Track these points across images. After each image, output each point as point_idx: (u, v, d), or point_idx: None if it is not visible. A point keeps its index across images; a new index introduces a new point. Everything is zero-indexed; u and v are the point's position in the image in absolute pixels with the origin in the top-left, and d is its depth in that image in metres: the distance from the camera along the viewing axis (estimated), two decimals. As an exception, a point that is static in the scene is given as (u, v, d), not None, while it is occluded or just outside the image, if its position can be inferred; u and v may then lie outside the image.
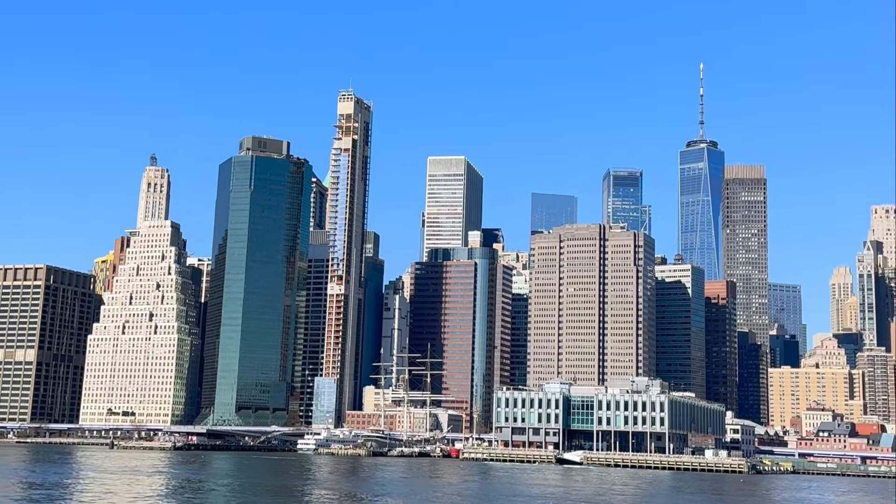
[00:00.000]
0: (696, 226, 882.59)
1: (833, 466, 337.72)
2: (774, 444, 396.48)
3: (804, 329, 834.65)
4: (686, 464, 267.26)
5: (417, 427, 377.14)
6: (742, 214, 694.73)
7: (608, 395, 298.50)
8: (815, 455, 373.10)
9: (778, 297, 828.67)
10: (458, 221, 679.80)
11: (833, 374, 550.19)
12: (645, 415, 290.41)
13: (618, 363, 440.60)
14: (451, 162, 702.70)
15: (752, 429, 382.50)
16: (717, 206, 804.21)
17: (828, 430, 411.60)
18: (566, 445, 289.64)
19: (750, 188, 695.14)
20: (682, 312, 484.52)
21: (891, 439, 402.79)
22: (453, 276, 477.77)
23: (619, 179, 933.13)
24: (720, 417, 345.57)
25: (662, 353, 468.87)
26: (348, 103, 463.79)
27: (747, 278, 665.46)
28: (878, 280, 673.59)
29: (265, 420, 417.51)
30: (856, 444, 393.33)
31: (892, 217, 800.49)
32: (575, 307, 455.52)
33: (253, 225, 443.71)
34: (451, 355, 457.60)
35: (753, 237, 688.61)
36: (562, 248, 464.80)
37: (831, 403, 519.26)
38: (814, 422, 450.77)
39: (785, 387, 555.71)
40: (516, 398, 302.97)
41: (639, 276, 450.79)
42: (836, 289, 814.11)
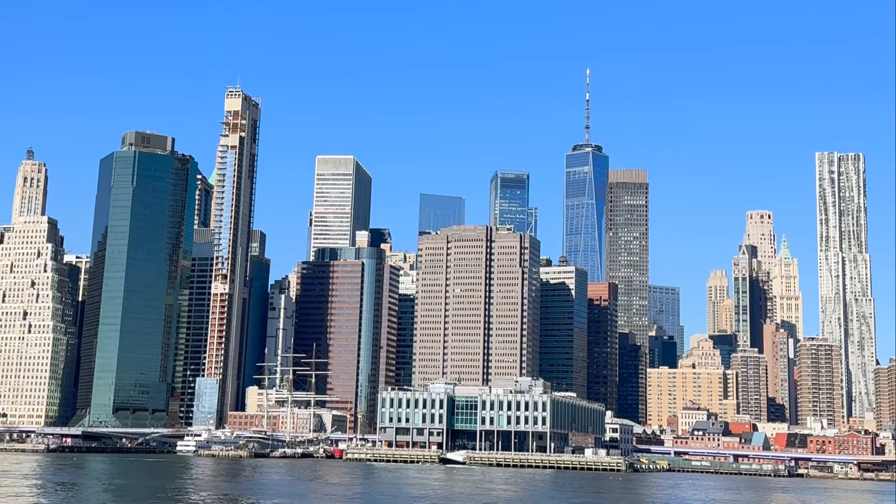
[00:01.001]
0: (580, 228, 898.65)
1: (707, 464, 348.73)
2: (652, 443, 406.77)
3: (682, 330, 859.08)
4: (566, 462, 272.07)
5: (301, 428, 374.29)
6: (625, 218, 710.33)
7: (492, 396, 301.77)
8: (690, 453, 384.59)
9: (657, 299, 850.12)
10: (346, 221, 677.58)
11: (708, 374, 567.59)
12: (528, 414, 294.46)
13: (502, 363, 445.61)
14: (340, 161, 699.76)
15: (631, 428, 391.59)
16: (601, 210, 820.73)
17: (702, 429, 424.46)
18: (450, 445, 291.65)
19: (633, 192, 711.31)
20: (566, 314, 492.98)
21: (762, 438, 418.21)
22: (340, 276, 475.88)
23: (507, 181, 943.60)
24: (600, 417, 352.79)
25: (546, 354, 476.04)
26: (236, 100, 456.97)
27: (629, 280, 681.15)
28: (753, 283, 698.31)
29: (144, 422, 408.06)
30: (729, 442, 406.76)
31: (767, 222, 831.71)
32: (461, 308, 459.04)
33: (135, 222, 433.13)
34: (337, 355, 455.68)
35: (635, 240, 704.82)
36: (449, 249, 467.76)
37: (706, 403, 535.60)
38: (689, 421, 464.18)
39: (663, 387, 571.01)
40: (401, 398, 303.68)
41: (524, 277, 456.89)
42: (713, 291, 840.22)
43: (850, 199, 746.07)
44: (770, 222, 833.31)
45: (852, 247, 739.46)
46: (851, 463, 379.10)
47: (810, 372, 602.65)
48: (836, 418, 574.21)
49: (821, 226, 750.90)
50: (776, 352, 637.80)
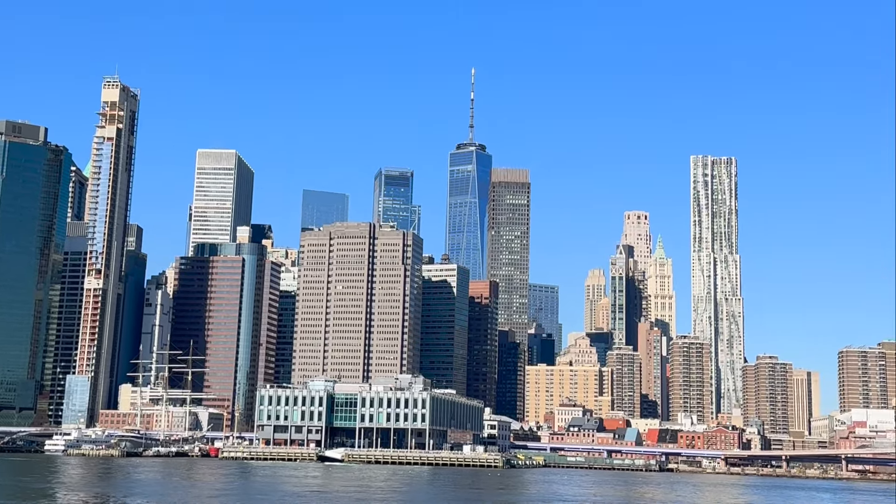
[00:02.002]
0: (463, 227, 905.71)
1: (581, 460, 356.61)
2: (529, 439, 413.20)
3: (560, 328, 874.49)
4: (445, 459, 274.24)
5: (176, 426, 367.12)
6: (507, 217, 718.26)
7: (372, 393, 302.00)
8: (565, 449, 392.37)
9: (537, 298, 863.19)
10: (227, 216, 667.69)
11: (585, 371, 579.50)
12: (407, 412, 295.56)
13: (383, 361, 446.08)
14: (222, 156, 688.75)
15: (508, 424, 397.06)
16: (484, 208, 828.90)
17: (578, 425, 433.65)
18: (329, 443, 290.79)
19: (515, 192, 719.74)
20: (447, 311, 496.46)
21: (635, 434, 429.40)
22: (220, 272, 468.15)
23: (391, 179, 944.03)
24: (479, 413, 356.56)
25: (427, 351, 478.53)
26: (113, 90, 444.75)
27: (509, 279, 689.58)
28: (629, 282, 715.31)
29: (10, 420, 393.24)
30: (603, 438, 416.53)
31: (643, 223, 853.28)
32: (343, 305, 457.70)
33: (3, 213, 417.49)
34: (215, 353, 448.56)
35: (516, 239, 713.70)
36: (331, 246, 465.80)
37: (582, 399, 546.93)
38: (566, 417, 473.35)
39: (540, 384, 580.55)
40: (280, 396, 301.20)
41: (406, 275, 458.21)
42: (591, 290, 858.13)
43: (722, 202, 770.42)
44: (646, 223, 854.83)
45: (724, 248, 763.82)
46: (719, 458, 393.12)
47: (682, 369, 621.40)
48: (706, 414, 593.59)
49: (694, 227, 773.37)
50: (650, 349, 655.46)
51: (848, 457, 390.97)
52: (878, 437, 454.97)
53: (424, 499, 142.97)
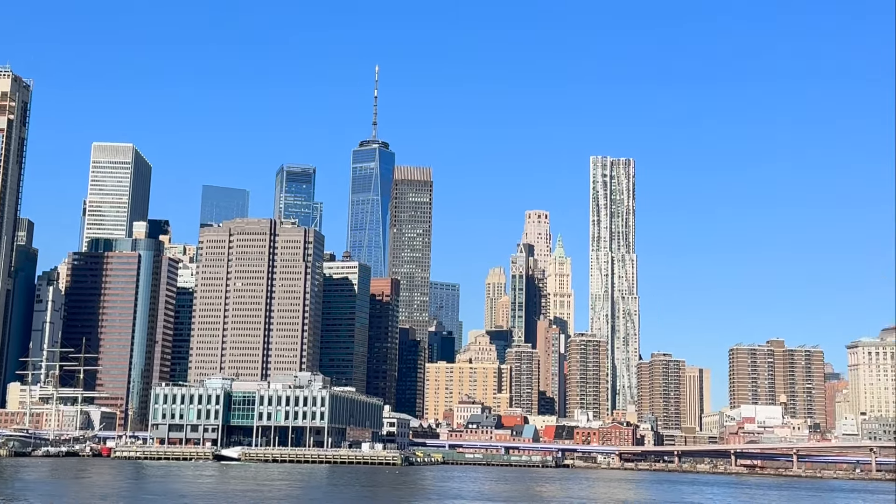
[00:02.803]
0: (365, 224, 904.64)
1: (479, 457, 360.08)
2: (428, 437, 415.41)
3: (461, 326, 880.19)
4: (343, 457, 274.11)
5: (67, 426, 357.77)
6: (409, 214, 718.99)
7: (270, 391, 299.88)
8: (464, 446, 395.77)
9: (438, 295, 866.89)
10: (123, 211, 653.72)
11: (484, 368, 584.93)
12: (306, 410, 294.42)
13: (282, 358, 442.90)
14: (118, 149, 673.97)
15: (408, 422, 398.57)
16: (386, 206, 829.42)
17: (477, 422, 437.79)
18: (225, 442, 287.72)
19: (417, 189, 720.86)
20: (348, 309, 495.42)
21: (532, 430, 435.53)
22: (114, 268, 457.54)
23: (293, 175, 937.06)
24: (378, 411, 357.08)
25: (327, 349, 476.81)
26: (5, 81, 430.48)
27: (411, 276, 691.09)
28: (529, 281, 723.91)
29: None
30: (501, 435, 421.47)
31: (544, 222, 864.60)
32: (242, 302, 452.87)
33: None
34: (109, 350, 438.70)
35: (418, 237, 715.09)
36: (231, 242, 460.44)
37: (481, 397, 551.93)
38: (465, 414, 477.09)
39: (440, 381, 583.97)
40: (175, 394, 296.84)
41: (307, 272, 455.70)
42: (491, 288, 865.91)
43: (620, 202, 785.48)
44: (547, 222, 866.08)
45: (621, 247, 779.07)
46: (614, 453, 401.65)
47: (579, 366, 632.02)
48: (602, 411, 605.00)
49: (593, 226, 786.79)
50: (548, 347, 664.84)
51: (737, 452, 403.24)
52: (766, 432, 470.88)
53: (321, 497, 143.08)
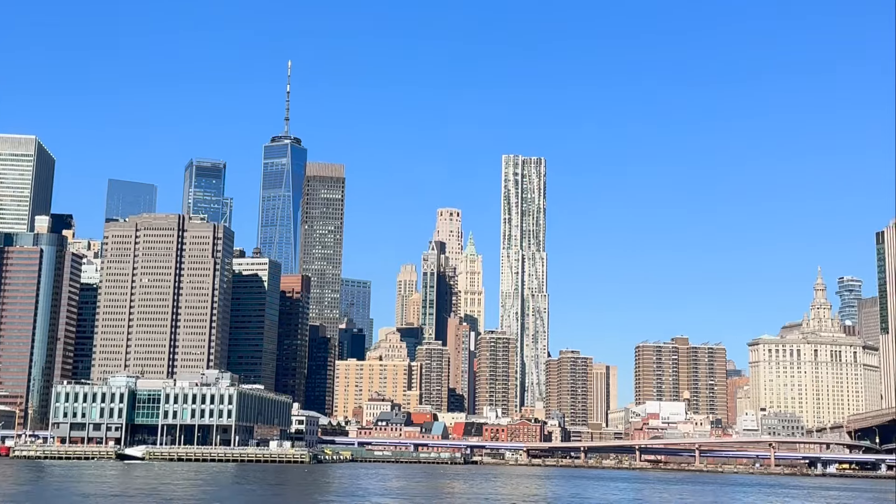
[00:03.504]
0: (276, 220, 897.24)
1: (388, 454, 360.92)
2: (337, 434, 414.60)
3: (371, 323, 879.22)
4: (250, 455, 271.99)
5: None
6: (320, 211, 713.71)
7: (176, 389, 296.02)
8: (373, 443, 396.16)
9: (349, 293, 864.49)
10: (25, 205, 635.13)
11: (394, 366, 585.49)
12: (213, 408, 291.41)
13: (190, 356, 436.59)
14: (20, 141, 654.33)
15: (317, 419, 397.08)
16: (298, 202, 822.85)
17: (386, 419, 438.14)
18: (129, 441, 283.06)
19: (329, 186, 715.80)
20: (258, 306, 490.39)
21: (441, 427, 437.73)
22: (15, 263, 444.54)
23: (202, 170, 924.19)
24: (287, 409, 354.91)
25: (235, 346, 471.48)
26: None
27: (322, 273, 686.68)
28: (440, 278, 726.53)
29: None
30: (410, 432, 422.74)
31: (456, 220, 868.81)
32: (148, 298, 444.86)
33: None
34: (8, 347, 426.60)
35: (330, 234, 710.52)
36: (138, 238, 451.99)
37: (391, 394, 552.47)
38: (374, 412, 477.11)
39: (350, 378, 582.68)
40: (77, 392, 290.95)
41: (216, 268, 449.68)
42: (403, 285, 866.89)
43: (531, 201, 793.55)
44: (459, 220, 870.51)
45: (532, 245, 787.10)
46: (521, 450, 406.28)
47: (489, 364, 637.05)
48: (511, 407, 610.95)
49: (504, 224, 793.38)
50: (459, 344, 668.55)
51: (641, 447, 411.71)
52: (670, 428, 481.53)
53: (227, 497, 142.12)
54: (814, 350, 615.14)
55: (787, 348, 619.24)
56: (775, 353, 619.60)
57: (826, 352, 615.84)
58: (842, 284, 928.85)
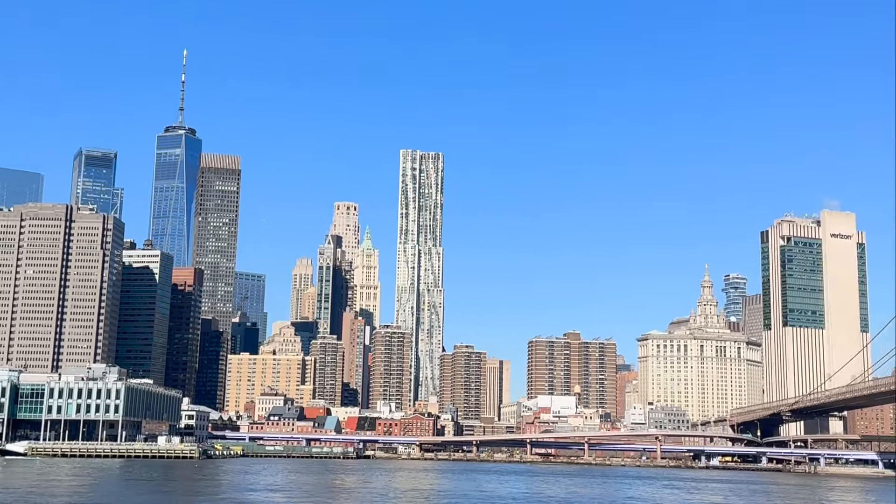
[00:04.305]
0: (168, 212, 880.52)
1: (280, 449, 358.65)
2: (228, 429, 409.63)
3: (266, 317, 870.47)
4: (138, 451, 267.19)
5: None
6: (215, 203, 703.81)
7: (61, 383, 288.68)
8: (265, 438, 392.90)
9: (243, 286, 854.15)
10: None
11: (288, 360, 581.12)
12: (99, 402, 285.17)
13: (76, 349, 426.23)
14: None
15: (207, 414, 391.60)
16: (192, 194, 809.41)
17: (278, 414, 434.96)
18: (10, 436, 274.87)
19: (224, 178, 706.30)
20: (148, 298, 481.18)
21: (334, 422, 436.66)
22: None
23: (92, 160, 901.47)
24: (176, 404, 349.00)
25: (124, 340, 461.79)
26: None
27: (215, 266, 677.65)
28: (336, 272, 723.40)
29: None
30: (303, 426, 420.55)
31: (353, 213, 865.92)
32: (33, 290, 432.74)
33: None
34: None
35: (224, 226, 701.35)
36: (23, 228, 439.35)
37: (284, 388, 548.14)
38: (267, 406, 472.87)
39: (242, 373, 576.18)
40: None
41: (105, 260, 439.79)
42: (298, 279, 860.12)
43: (428, 196, 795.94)
44: (356, 214, 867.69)
45: (428, 240, 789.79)
46: (414, 444, 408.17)
47: (383, 358, 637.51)
48: (405, 402, 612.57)
49: (401, 219, 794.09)
50: (353, 338, 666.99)
51: (532, 441, 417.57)
52: (561, 421, 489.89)
53: (112, 492, 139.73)
54: (700, 345, 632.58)
55: (675, 343, 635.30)
56: (663, 348, 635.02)
57: (711, 347, 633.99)
58: (728, 282, 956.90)
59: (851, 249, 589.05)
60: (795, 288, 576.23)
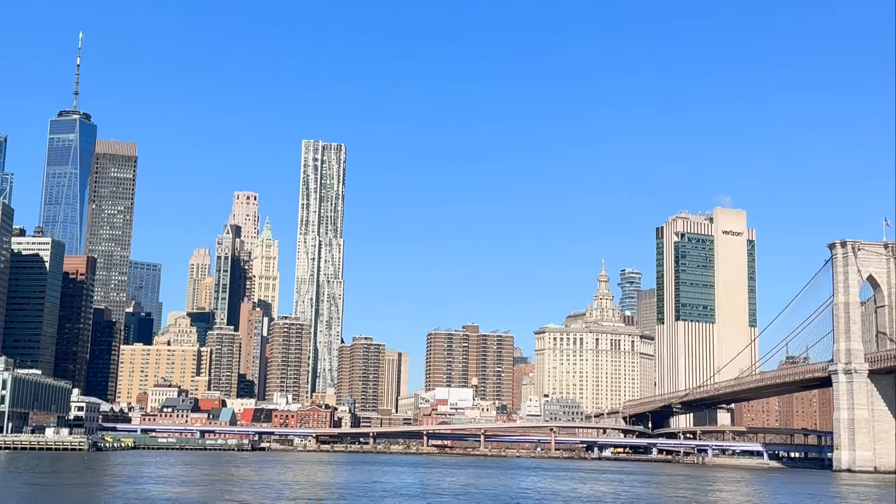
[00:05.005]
0: (61, 198, 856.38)
1: (173, 441, 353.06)
2: (119, 421, 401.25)
3: (161, 307, 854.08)
4: (24, 443, 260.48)
5: None
6: (110, 190, 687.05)
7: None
8: (157, 430, 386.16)
9: (138, 275, 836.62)
10: None
11: (183, 351, 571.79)
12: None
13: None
14: None
15: (98, 406, 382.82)
16: (85, 180, 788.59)
17: (172, 405, 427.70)
18: None
19: (120, 165, 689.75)
20: (37, 287, 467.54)
21: (230, 413, 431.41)
22: None
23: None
24: (66, 395, 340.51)
25: (11, 329, 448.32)
26: None
27: (109, 255, 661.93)
28: (234, 262, 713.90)
29: None
30: (197, 418, 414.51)
31: (253, 203, 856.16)
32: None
33: None
34: None
35: (119, 214, 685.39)
36: None
37: (179, 380, 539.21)
38: (160, 398, 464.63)
39: (136, 363, 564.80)
40: None
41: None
42: (195, 269, 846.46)
43: (330, 187, 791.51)
44: (256, 204, 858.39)
45: (329, 231, 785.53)
46: (311, 436, 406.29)
47: (281, 349, 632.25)
48: (302, 394, 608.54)
49: (302, 210, 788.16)
50: (251, 329, 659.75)
51: (429, 433, 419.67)
52: (458, 413, 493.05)
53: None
54: (595, 339, 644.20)
55: (571, 337, 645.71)
56: (560, 341, 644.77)
57: (606, 341, 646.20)
58: (623, 276, 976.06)
59: (742, 246, 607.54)
60: (688, 283, 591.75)
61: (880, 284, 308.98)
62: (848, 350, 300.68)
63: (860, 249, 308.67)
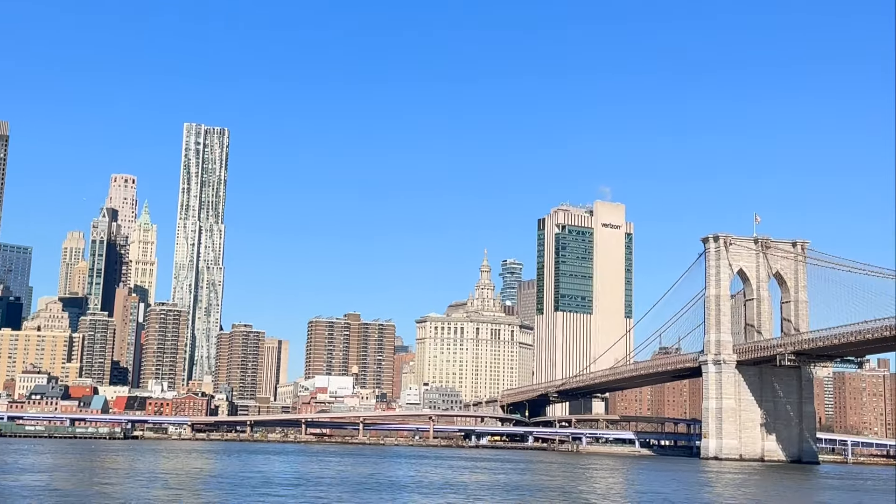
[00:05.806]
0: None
1: (41, 429, 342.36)
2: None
3: (31, 291, 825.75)
4: None
5: None
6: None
7: None
8: (25, 418, 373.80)
9: (7, 258, 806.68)
10: None
11: (54, 337, 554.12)
12: None
13: None
14: None
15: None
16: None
17: (41, 392, 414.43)
18: None
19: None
20: None
21: (101, 401, 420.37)
22: None
23: None
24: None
25: None
26: None
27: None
28: (110, 246, 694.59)
29: None
30: (67, 406, 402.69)
31: (131, 186, 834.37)
32: None
33: None
34: None
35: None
36: None
37: (49, 366, 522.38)
38: (28, 385, 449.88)
39: (3, 349, 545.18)
40: None
41: None
42: (68, 253, 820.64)
43: (212, 171, 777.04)
44: (134, 187, 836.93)
45: (210, 217, 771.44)
46: (186, 424, 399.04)
47: (157, 336, 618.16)
48: (178, 381, 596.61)
49: (183, 194, 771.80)
50: (126, 315, 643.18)
51: (307, 421, 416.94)
52: (338, 402, 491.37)
53: None
54: (476, 328, 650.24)
55: (452, 326, 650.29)
56: (440, 330, 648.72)
57: (487, 330, 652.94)
58: (505, 267, 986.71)
59: (620, 239, 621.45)
60: (567, 274, 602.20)
61: (749, 278, 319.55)
62: (718, 341, 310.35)
63: (732, 244, 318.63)
